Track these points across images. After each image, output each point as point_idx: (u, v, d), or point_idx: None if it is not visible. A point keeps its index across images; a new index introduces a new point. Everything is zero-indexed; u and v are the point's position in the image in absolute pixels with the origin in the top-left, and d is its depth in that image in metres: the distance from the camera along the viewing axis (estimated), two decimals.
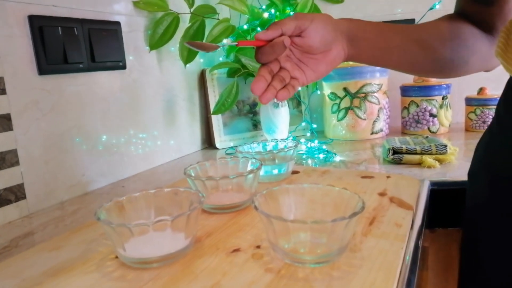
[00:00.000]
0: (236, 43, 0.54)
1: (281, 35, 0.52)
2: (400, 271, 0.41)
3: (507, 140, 0.52)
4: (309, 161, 0.92)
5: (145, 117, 0.93)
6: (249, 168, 0.61)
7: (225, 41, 0.53)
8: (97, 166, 0.82)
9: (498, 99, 0.56)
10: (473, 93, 1.13)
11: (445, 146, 0.82)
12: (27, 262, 0.47)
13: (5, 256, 0.53)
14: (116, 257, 0.45)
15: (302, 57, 0.57)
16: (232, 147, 1.10)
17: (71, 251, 0.49)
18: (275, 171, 0.68)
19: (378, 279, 0.37)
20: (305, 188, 0.47)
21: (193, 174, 0.59)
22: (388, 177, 0.69)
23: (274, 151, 0.67)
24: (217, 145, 1.11)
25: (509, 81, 0.52)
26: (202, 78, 1.13)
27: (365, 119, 1.09)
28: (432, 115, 1.09)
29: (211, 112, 1.04)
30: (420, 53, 0.58)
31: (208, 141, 1.16)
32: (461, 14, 0.62)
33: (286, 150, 0.67)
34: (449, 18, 0.62)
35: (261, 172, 0.65)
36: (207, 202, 0.55)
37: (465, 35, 0.60)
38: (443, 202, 0.73)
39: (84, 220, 0.65)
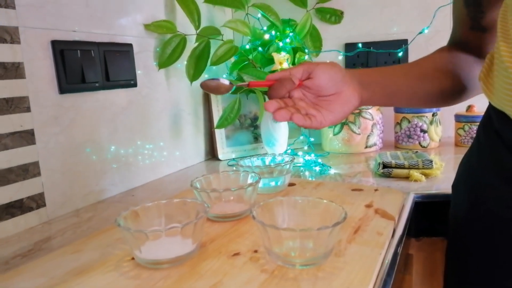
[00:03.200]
0: (247, 84, 0.61)
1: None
2: (378, 274, 0.47)
3: (483, 157, 0.58)
4: (306, 173, 0.99)
5: (152, 130, 1.00)
6: (249, 181, 0.67)
7: (239, 84, 0.61)
8: (109, 176, 0.88)
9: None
10: (462, 110, 1.20)
11: (431, 161, 0.89)
12: (52, 263, 0.53)
13: (30, 258, 0.60)
14: (132, 258, 0.52)
15: (316, 100, 0.59)
16: (234, 158, 1.16)
17: (90, 253, 0.55)
18: (273, 184, 0.75)
19: (356, 280, 0.44)
20: (297, 200, 0.54)
21: (198, 186, 0.65)
22: (376, 190, 0.75)
23: (272, 165, 0.73)
24: (220, 156, 1.18)
25: (489, 106, 0.58)
26: (206, 94, 1.20)
27: (359, 134, 1.16)
28: (423, 131, 1.16)
29: (215, 126, 1.11)
30: (426, 89, 0.64)
31: (212, 153, 1.22)
32: (456, 43, 0.68)
33: (283, 164, 0.73)
34: (444, 50, 0.69)
35: (260, 185, 0.72)
36: (211, 211, 0.62)
37: (461, 64, 0.66)
38: (428, 213, 0.80)
39: (99, 226, 0.71)
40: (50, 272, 0.51)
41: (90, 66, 0.83)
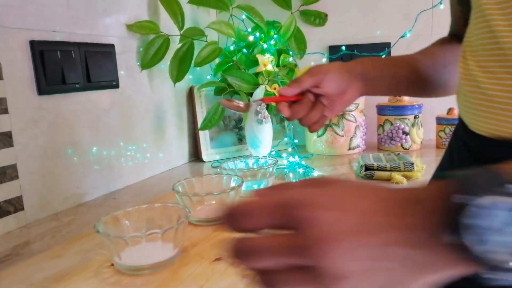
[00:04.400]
0: (261, 100, 0.65)
1: (301, 90, 0.60)
2: None
3: (451, 161, 0.59)
4: (290, 175, 0.99)
5: (135, 131, 0.99)
6: (232, 184, 0.67)
7: (253, 102, 0.68)
8: (90, 179, 0.87)
9: None
10: (443, 113, 1.22)
11: (412, 164, 0.90)
12: (32, 269, 0.52)
13: (8, 264, 0.59)
14: (112, 264, 0.51)
15: (318, 98, 0.61)
16: (218, 160, 1.16)
17: (70, 259, 0.54)
18: (255, 187, 0.75)
19: None
20: None
21: (180, 190, 0.65)
22: None
23: (255, 168, 0.73)
24: (204, 158, 1.17)
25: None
26: (190, 95, 1.19)
27: (342, 136, 1.17)
28: (405, 133, 1.18)
29: (199, 128, 1.11)
30: (425, 80, 0.66)
31: (196, 154, 1.22)
32: (454, 35, 0.69)
33: (266, 167, 0.73)
34: (442, 42, 0.70)
35: (243, 188, 0.71)
36: (193, 215, 0.61)
37: (456, 56, 0.67)
38: None
39: (79, 230, 0.70)
40: (29, 279, 0.50)
41: (70, 67, 0.82)
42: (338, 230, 0.25)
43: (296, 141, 1.22)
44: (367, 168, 0.91)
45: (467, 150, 0.53)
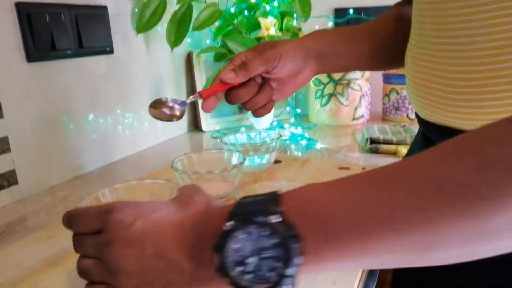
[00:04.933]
0: (198, 95, 0.52)
1: (249, 77, 0.52)
2: None
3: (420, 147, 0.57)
4: (292, 146, 0.97)
5: (132, 99, 0.95)
6: (233, 161, 0.64)
7: (190, 97, 0.53)
8: (86, 150, 0.84)
9: None
10: None
11: None
12: (25, 251, 0.50)
13: (2, 242, 0.57)
14: None
15: (267, 81, 0.55)
16: (218, 130, 1.13)
17: (66, 239, 0.52)
18: (258, 161, 0.72)
19: (343, 272, 0.42)
20: (283, 186, 0.51)
21: (180, 166, 0.62)
22: (363, 168, 0.73)
23: (258, 143, 0.70)
24: (204, 128, 1.14)
25: None
26: (189, 61, 1.14)
27: (347, 106, 1.13)
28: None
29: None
30: (387, 52, 0.60)
31: (195, 124, 1.18)
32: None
33: (269, 142, 0.70)
34: (397, 8, 0.62)
35: (246, 163, 0.69)
36: None
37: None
38: None
39: (75, 206, 0.68)
40: (23, 261, 0.48)
41: (60, 31, 0.76)
42: (122, 235, 0.31)
43: (298, 110, 1.18)
44: (373, 141, 0.88)
45: (423, 138, 0.53)
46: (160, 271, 0.30)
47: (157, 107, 0.52)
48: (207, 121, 1.15)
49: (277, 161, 0.77)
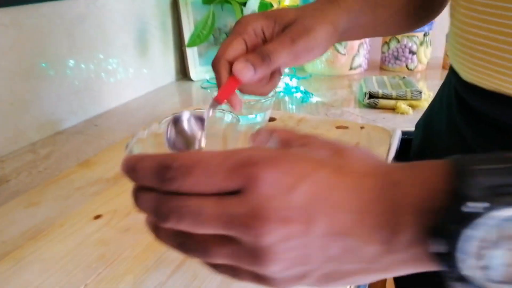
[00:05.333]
0: (215, 103, 0.39)
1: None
2: None
3: (441, 106, 0.53)
4: (286, 99, 0.92)
5: (115, 44, 0.88)
6: (226, 120, 0.60)
7: (207, 110, 0.40)
8: (67, 103, 0.79)
9: None
10: None
11: (420, 92, 0.83)
12: (4, 220, 0.47)
13: None
14: (95, 218, 0.46)
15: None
16: (208, 80, 1.07)
17: (48, 208, 0.49)
18: (252, 118, 0.68)
19: None
20: None
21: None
22: (362, 127, 0.70)
23: (252, 103, 0.66)
24: (192, 76, 1.08)
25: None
26: (175, 3, 1.04)
27: (344, 55, 1.07)
28: (412, 52, 1.08)
29: (186, 44, 0.99)
30: (404, 19, 0.54)
31: (183, 72, 1.12)
32: None
33: (263, 101, 0.66)
34: None
35: (240, 123, 0.65)
36: None
37: None
38: (409, 150, 0.76)
39: (58, 165, 0.64)
40: (2, 234, 0.45)
41: None
42: (280, 205, 0.20)
43: None
44: (371, 95, 0.84)
45: (459, 103, 0.47)
46: (333, 258, 0.22)
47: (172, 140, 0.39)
48: (196, 69, 1.08)
49: (271, 119, 0.73)
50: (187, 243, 0.23)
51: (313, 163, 0.22)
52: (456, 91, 0.47)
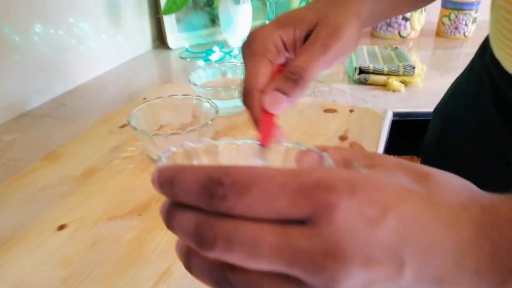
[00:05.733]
0: (263, 148, 0.28)
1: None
2: None
3: (467, 89, 0.49)
4: None
5: (86, 9, 0.79)
6: (204, 109, 0.55)
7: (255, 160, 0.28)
8: (31, 80, 0.72)
9: (477, 5, 0.50)
10: None
11: (413, 67, 0.78)
12: None
13: None
14: (59, 228, 0.42)
15: None
16: (187, 49, 0.99)
17: (8, 217, 0.45)
18: (233, 101, 0.63)
19: None
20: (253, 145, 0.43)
21: (140, 117, 0.52)
22: (351, 110, 0.66)
23: (232, 87, 0.60)
24: (170, 44, 1.00)
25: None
26: None
27: None
28: (405, 19, 1.02)
29: (162, 12, 0.90)
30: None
31: (160, 38, 1.03)
32: None
33: None
34: None
35: (218, 105, 0.60)
36: (158, 153, 0.51)
37: None
38: (402, 131, 0.73)
39: (22, 156, 0.59)
40: None
41: None
42: (362, 243, 0.16)
43: None
44: (361, 71, 0.79)
45: (494, 94, 0.43)
46: None
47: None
48: (174, 36, 1.00)
49: None
50: (232, 281, 0.18)
51: (398, 191, 0.18)
52: (492, 82, 0.43)
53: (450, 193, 0.19)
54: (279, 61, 0.32)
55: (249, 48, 0.31)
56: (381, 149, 0.58)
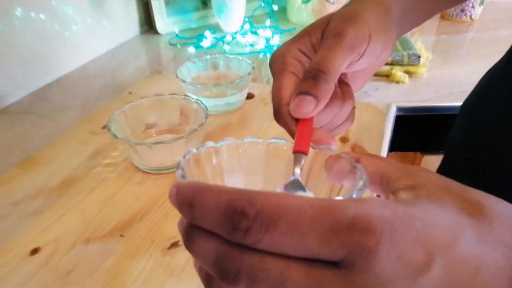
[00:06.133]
0: (303, 156, 0.26)
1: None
2: None
3: (504, 78, 0.45)
4: (267, 60, 0.81)
5: None
6: (192, 109, 0.50)
7: (297, 171, 0.25)
8: (7, 72, 0.66)
9: None
10: None
11: (419, 57, 0.73)
12: None
13: None
14: (32, 253, 0.38)
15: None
16: (177, 34, 0.93)
17: None
18: (227, 99, 0.58)
19: None
20: (256, 143, 0.38)
21: (121, 121, 0.48)
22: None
23: (225, 84, 0.55)
24: (159, 29, 0.94)
25: None
26: None
27: (333, 3, 0.94)
28: None
29: None
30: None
31: (148, 23, 0.97)
32: None
33: (238, 81, 0.55)
34: None
35: (210, 103, 0.55)
36: (144, 162, 0.46)
37: None
38: (406, 126, 0.69)
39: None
40: None
41: None
42: None
43: (275, 7, 0.98)
44: None
45: None
46: None
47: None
48: (163, 21, 0.94)
49: (249, 95, 0.63)
50: None
51: (446, 231, 0.16)
52: None
53: (508, 233, 0.16)
54: (302, 70, 0.30)
55: (271, 70, 0.30)
56: (385, 150, 0.54)
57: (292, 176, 0.25)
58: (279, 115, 0.28)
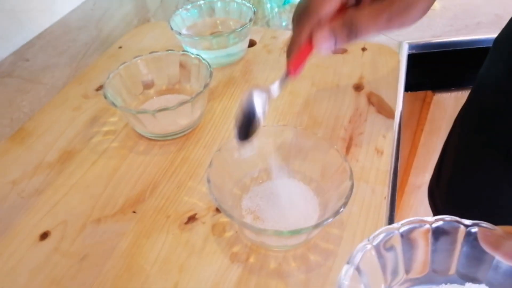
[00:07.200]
0: (287, 76, 0.31)
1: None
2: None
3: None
4: (268, 6, 0.74)
5: None
6: (193, 66, 0.46)
7: (275, 88, 0.31)
8: None
9: None
10: None
11: None
12: None
13: None
14: (42, 238, 0.36)
15: None
16: None
17: None
18: (228, 50, 0.53)
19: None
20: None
21: (116, 84, 0.43)
22: (363, 49, 0.56)
23: (224, 34, 0.50)
24: None
25: None
26: None
27: None
28: None
29: None
30: None
31: None
32: None
33: (240, 29, 0.50)
34: None
35: (209, 55, 0.50)
36: (146, 130, 0.43)
37: None
38: (418, 64, 0.64)
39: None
40: None
41: None
42: None
43: None
44: None
45: None
46: None
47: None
48: None
49: (251, 42, 0.58)
50: None
51: None
52: None
53: None
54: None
55: None
56: (400, 97, 0.51)
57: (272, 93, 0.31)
58: (304, 19, 0.29)
